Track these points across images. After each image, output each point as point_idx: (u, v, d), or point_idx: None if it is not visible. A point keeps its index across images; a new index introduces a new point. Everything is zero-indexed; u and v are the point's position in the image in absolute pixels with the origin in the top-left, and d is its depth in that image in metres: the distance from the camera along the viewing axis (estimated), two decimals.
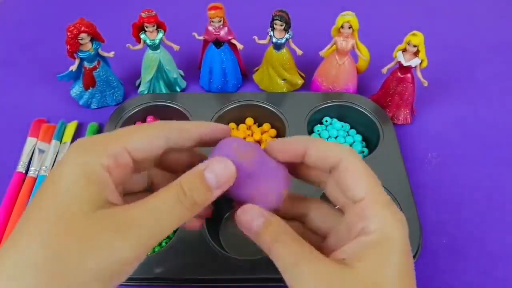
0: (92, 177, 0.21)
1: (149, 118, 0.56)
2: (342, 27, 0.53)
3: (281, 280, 0.23)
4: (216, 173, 0.23)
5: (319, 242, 0.26)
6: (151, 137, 0.24)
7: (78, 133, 0.56)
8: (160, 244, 0.45)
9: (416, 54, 0.52)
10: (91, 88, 0.57)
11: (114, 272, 0.20)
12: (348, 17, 0.52)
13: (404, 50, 0.52)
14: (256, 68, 0.62)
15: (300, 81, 0.61)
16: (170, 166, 0.28)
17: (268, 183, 0.25)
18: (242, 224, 0.24)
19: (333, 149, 0.24)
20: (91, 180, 0.21)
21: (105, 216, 0.21)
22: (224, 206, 0.47)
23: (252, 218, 0.24)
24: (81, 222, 0.20)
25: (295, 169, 0.27)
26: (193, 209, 0.23)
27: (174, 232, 0.44)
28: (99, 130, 0.56)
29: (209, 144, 0.27)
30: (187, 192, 0.22)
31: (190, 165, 0.24)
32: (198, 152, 0.29)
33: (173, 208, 0.22)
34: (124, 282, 0.23)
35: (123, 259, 0.20)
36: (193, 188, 0.23)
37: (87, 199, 0.21)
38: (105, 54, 0.56)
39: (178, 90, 0.61)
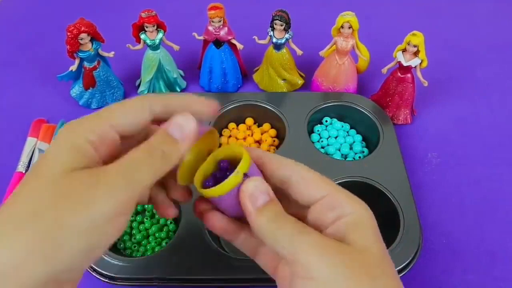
0: (76, 147, 0.23)
1: None
2: (342, 27, 0.53)
3: None
4: (179, 125, 0.25)
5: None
6: (135, 111, 0.25)
7: None
8: (160, 244, 0.45)
9: (416, 54, 0.52)
10: (91, 88, 0.57)
11: (95, 228, 0.21)
12: (348, 17, 0.52)
13: (404, 50, 0.52)
14: (256, 68, 0.62)
15: (300, 81, 0.61)
16: None
17: None
18: (247, 194, 0.25)
19: (285, 166, 0.27)
20: (74, 148, 0.22)
21: (83, 173, 0.22)
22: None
23: (258, 194, 0.25)
24: (60, 180, 0.21)
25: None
26: (165, 161, 0.24)
27: (174, 232, 0.44)
28: None
29: (195, 116, 0.27)
30: (156, 145, 0.24)
31: None
32: None
33: (145, 159, 0.23)
34: (124, 282, 0.23)
35: (101, 212, 0.21)
36: (160, 141, 0.24)
37: (69, 161, 0.22)
38: (105, 54, 0.56)
39: (178, 90, 0.61)
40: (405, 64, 0.52)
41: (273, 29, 0.55)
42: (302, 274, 0.23)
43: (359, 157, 0.52)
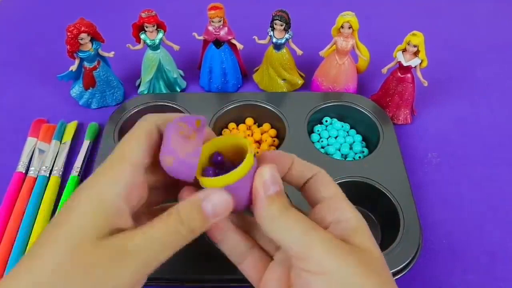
0: (103, 207, 0.23)
1: None
2: (342, 27, 0.53)
3: None
4: (213, 203, 0.24)
5: None
6: (145, 138, 0.26)
7: (78, 133, 0.56)
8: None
9: (416, 54, 0.52)
10: (91, 88, 0.57)
11: None
12: (348, 17, 0.52)
13: (404, 50, 0.52)
14: (256, 68, 0.62)
15: (300, 81, 0.61)
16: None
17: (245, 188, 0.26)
18: (262, 180, 0.25)
19: (310, 166, 0.29)
20: (102, 209, 0.22)
21: (109, 245, 0.22)
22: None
23: (271, 182, 0.25)
24: (85, 251, 0.21)
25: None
26: (190, 237, 0.24)
27: None
28: (99, 130, 0.56)
29: None
30: (185, 221, 0.24)
31: None
32: None
33: (170, 238, 0.24)
34: None
35: (120, 285, 0.22)
36: (191, 218, 0.24)
37: (95, 227, 0.22)
38: (105, 54, 0.56)
39: (178, 90, 0.61)
40: (405, 64, 0.52)
41: (273, 29, 0.55)
42: (314, 269, 0.23)
43: (359, 157, 0.52)
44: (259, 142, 0.54)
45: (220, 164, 0.26)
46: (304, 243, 0.24)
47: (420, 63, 0.52)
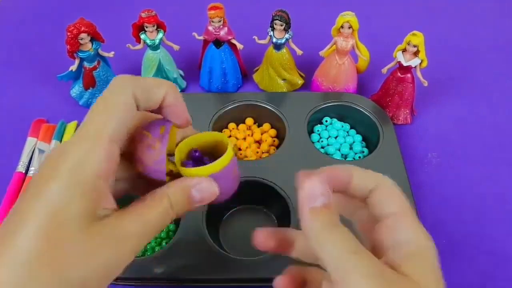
0: (87, 191, 0.21)
1: None
2: (342, 27, 0.53)
3: None
4: (202, 191, 0.25)
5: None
6: (124, 110, 0.23)
7: None
8: (160, 244, 0.45)
9: (416, 54, 0.52)
10: (91, 88, 0.57)
11: (103, 277, 0.21)
12: (348, 17, 0.52)
13: (404, 50, 0.52)
14: (256, 68, 0.62)
15: (300, 81, 0.61)
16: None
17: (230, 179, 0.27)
18: (308, 192, 0.23)
19: (372, 176, 0.25)
20: (86, 193, 0.21)
21: (99, 231, 0.21)
22: (224, 207, 0.47)
23: (316, 194, 0.23)
24: (75, 238, 0.20)
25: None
26: (173, 219, 0.24)
27: (174, 232, 0.44)
28: None
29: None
30: (174, 206, 0.24)
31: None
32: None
33: (162, 221, 0.23)
34: (124, 282, 0.23)
35: (113, 271, 0.22)
36: (179, 202, 0.24)
37: (83, 214, 0.21)
38: (105, 54, 0.56)
39: (178, 90, 0.61)
40: (405, 64, 0.52)
41: (273, 29, 0.55)
42: None
43: (359, 157, 0.52)
44: (259, 142, 0.54)
45: (198, 159, 0.28)
46: (342, 267, 0.21)
47: (420, 63, 0.52)
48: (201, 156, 0.27)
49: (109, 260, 0.21)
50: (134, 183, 0.27)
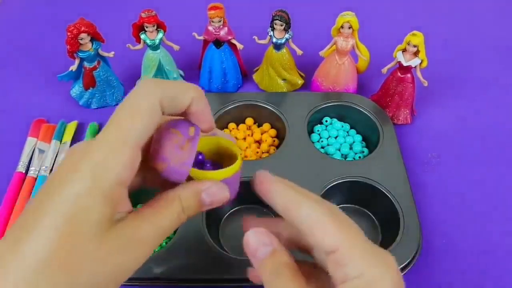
0: (108, 196, 0.21)
1: None
2: (342, 27, 0.53)
3: None
4: (213, 196, 0.25)
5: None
6: (149, 118, 0.23)
7: (78, 133, 0.56)
8: (160, 244, 0.45)
9: (416, 54, 0.52)
10: (91, 88, 0.57)
11: (114, 281, 0.22)
12: (348, 17, 0.52)
13: (404, 50, 0.52)
14: (256, 68, 0.62)
15: (300, 81, 0.61)
16: None
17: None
18: (248, 247, 0.25)
19: (303, 201, 0.24)
20: (107, 199, 0.21)
21: (114, 237, 0.21)
22: (224, 207, 0.47)
23: (258, 245, 0.25)
24: (90, 244, 0.20)
25: None
26: (184, 222, 0.25)
27: (174, 232, 0.44)
28: (99, 130, 0.56)
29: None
30: (185, 210, 0.24)
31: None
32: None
33: (174, 225, 0.24)
34: (124, 282, 0.23)
35: (125, 270, 0.22)
36: (190, 206, 0.24)
37: (104, 219, 0.21)
38: (105, 54, 0.56)
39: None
40: (405, 64, 0.52)
41: (273, 29, 0.55)
42: None
43: (359, 157, 0.52)
44: (259, 142, 0.54)
45: (200, 162, 0.27)
46: None
47: (420, 63, 0.52)
48: (204, 160, 0.27)
49: (122, 265, 0.21)
50: (145, 176, 0.27)
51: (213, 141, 0.28)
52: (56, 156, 0.52)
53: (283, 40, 0.55)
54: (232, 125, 0.56)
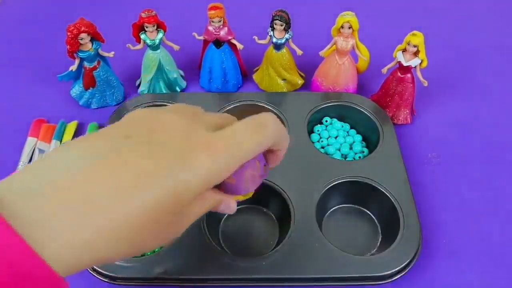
0: (184, 196, 0.25)
1: None
2: (342, 27, 0.53)
3: (281, 280, 0.23)
4: (227, 208, 0.30)
5: None
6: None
7: (78, 133, 0.56)
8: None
9: (416, 54, 0.52)
10: (91, 88, 0.57)
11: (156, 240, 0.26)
12: (348, 17, 0.52)
13: (404, 50, 0.52)
14: (256, 68, 0.62)
15: (300, 81, 0.61)
16: None
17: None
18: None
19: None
20: (183, 197, 0.25)
21: (179, 213, 0.26)
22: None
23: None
24: (164, 213, 0.25)
25: None
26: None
27: None
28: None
29: None
30: (209, 208, 0.29)
31: None
32: None
33: (201, 216, 0.28)
34: (124, 282, 0.23)
35: (174, 236, 0.28)
36: (211, 207, 0.29)
37: (172, 211, 0.26)
38: (105, 54, 0.56)
39: (178, 90, 0.61)
40: (405, 64, 0.52)
41: (273, 29, 0.55)
42: None
43: (359, 157, 0.52)
44: None
45: None
46: None
47: (420, 63, 0.52)
48: None
49: (174, 228, 0.27)
50: None
51: None
52: None
53: (283, 40, 0.55)
54: None
